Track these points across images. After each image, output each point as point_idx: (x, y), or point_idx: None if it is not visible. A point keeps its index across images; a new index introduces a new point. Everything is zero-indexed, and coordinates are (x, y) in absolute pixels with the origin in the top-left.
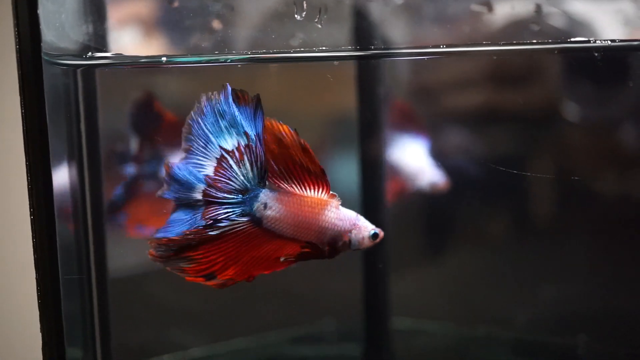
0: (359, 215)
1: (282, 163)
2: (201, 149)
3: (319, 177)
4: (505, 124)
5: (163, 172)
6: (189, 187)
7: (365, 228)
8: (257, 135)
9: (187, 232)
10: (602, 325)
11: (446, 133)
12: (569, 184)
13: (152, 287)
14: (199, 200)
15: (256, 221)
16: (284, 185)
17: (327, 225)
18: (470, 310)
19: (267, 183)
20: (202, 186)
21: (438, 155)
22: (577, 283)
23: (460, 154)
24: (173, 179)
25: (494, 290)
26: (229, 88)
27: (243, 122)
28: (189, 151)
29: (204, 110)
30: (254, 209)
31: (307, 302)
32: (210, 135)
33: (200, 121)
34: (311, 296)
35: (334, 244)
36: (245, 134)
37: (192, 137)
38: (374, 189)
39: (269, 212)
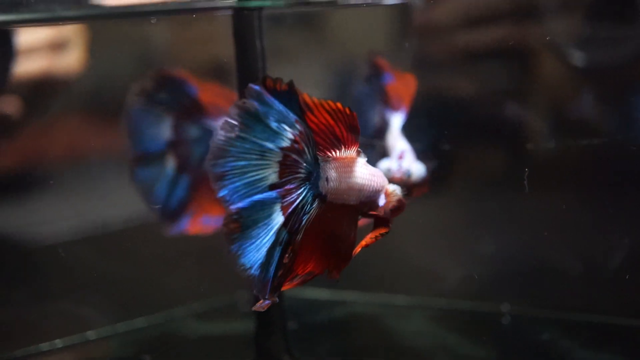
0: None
1: (328, 134)
2: (255, 162)
3: (355, 139)
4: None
5: (228, 228)
6: (266, 215)
7: (392, 186)
8: (301, 116)
9: (285, 260)
10: (526, 288)
11: None
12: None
13: (50, 266)
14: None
15: (323, 199)
16: (331, 153)
17: (365, 182)
18: (392, 277)
19: (318, 157)
20: (277, 204)
21: None
22: (506, 245)
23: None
24: (245, 225)
25: (420, 254)
26: (256, 87)
27: (288, 111)
28: (229, 175)
29: (243, 122)
30: (320, 187)
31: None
32: (265, 143)
33: (245, 135)
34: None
35: (372, 204)
36: (297, 122)
37: (235, 157)
38: None
39: (331, 185)
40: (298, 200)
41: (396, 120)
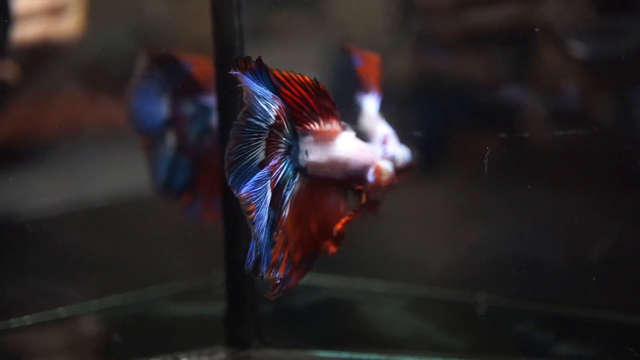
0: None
1: (303, 106)
2: (253, 143)
3: (332, 111)
4: None
5: (247, 212)
6: (264, 193)
7: (384, 163)
8: (275, 91)
9: (274, 238)
10: (504, 278)
11: None
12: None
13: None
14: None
15: (303, 172)
16: (309, 126)
17: (352, 156)
18: (370, 263)
19: (297, 131)
20: (268, 181)
21: None
22: (487, 235)
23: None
24: (257, 206)
25: (399, 241)
26: (236, 72)
27: (264, 88)
28: (235, 161)
29: (249, 106)
30: (300, 161)
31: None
32: (260, 124)
33: (251, 119)
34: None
35: (360, 179)
36: (275, 98)
37: (242, 142)
38: None
39: (311, 157)
40: (280, 175)
41: (370, 103)
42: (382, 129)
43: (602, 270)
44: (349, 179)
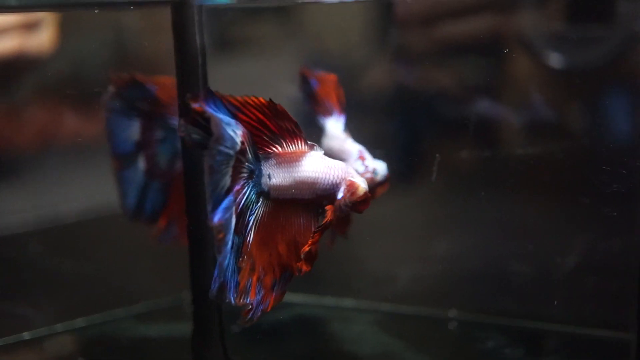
0: (349, 166)
1: (262, 129)
2: (223, 171)
3: (294, 132)
4: None
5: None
6: (230, 220)
7: (358, 178)
8: (233, 118)
9: (240, 264)
10: (474, 293)
11: None
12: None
13: None
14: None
15: (266, 195)
16: (271, 149)
17: (320, 175)
18: (336, 279)
19: (259, 155)
20: (233, 207)
21: None
22: (456, 250)
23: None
24: (225, 233)
25: (367, 258)
26: (195, 104)
27: (224, 116)
28: (210, 189)
29: (221, 134)
30: (262, 184)
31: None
32: (229, 151)
33: (220, 147)
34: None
35: (331, 197)
36: (236, 123)
37: (216, 171)
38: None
39: (273, 181)
40: (243, 201)
41: (334, 124)
42: (354, 146)
43: (571, 285)
44: (318, 198)
